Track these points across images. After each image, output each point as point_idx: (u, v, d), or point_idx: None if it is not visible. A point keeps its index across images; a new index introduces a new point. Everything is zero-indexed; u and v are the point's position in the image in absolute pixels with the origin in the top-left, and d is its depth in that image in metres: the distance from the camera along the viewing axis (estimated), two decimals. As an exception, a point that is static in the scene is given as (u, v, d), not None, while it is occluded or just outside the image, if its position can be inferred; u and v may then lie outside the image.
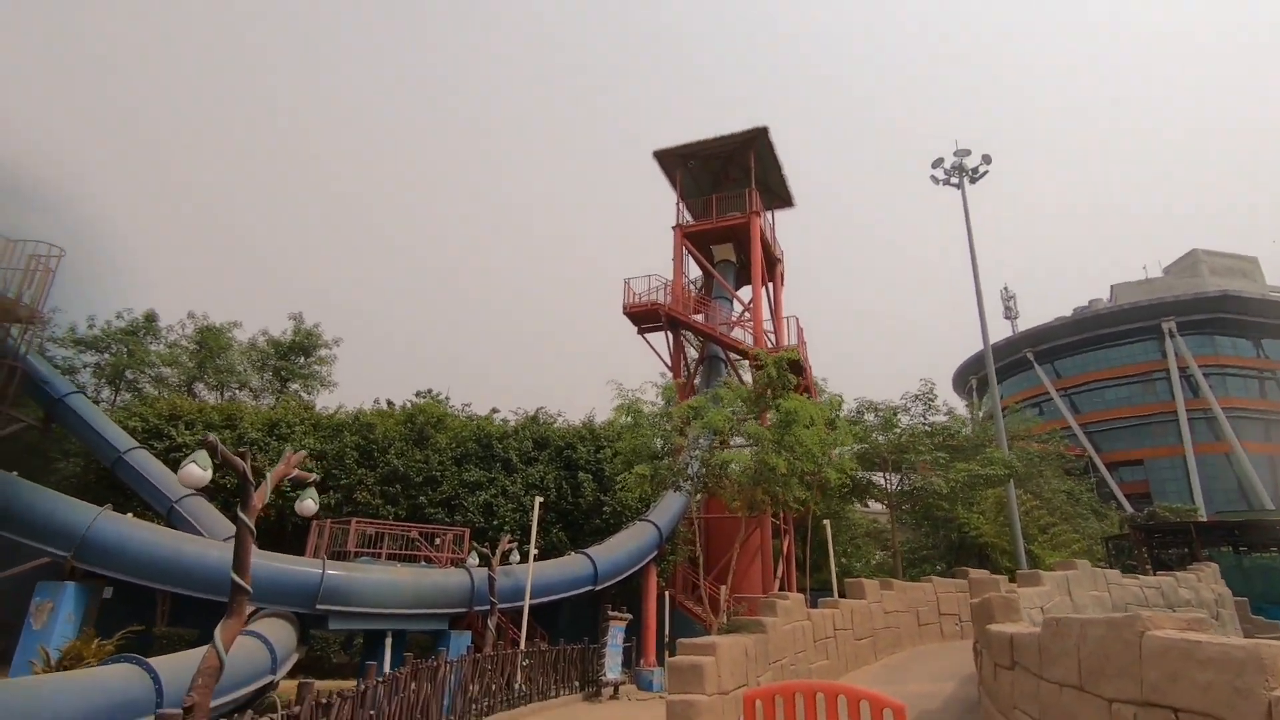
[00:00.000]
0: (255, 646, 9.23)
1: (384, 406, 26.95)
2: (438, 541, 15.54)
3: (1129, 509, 46.43)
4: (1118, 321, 62.31)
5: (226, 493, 19.62)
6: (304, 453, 6.58)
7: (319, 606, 11.30)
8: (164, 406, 20.98)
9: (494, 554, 13.63)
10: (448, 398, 31.47)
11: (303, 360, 35.13)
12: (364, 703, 7.28)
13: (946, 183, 30.58)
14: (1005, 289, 74.44)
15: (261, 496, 5.68)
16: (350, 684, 8.23)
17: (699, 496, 18.93)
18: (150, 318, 33.14)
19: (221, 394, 33.38)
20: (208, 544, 10.70)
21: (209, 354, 32.95)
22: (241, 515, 5.44)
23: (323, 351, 35.41)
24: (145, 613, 19.21)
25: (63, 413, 17.82)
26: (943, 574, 25.01)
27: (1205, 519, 35.79)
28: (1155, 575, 19.92)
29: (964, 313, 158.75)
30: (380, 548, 14.41)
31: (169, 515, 16.85)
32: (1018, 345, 67.02)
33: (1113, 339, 62.63)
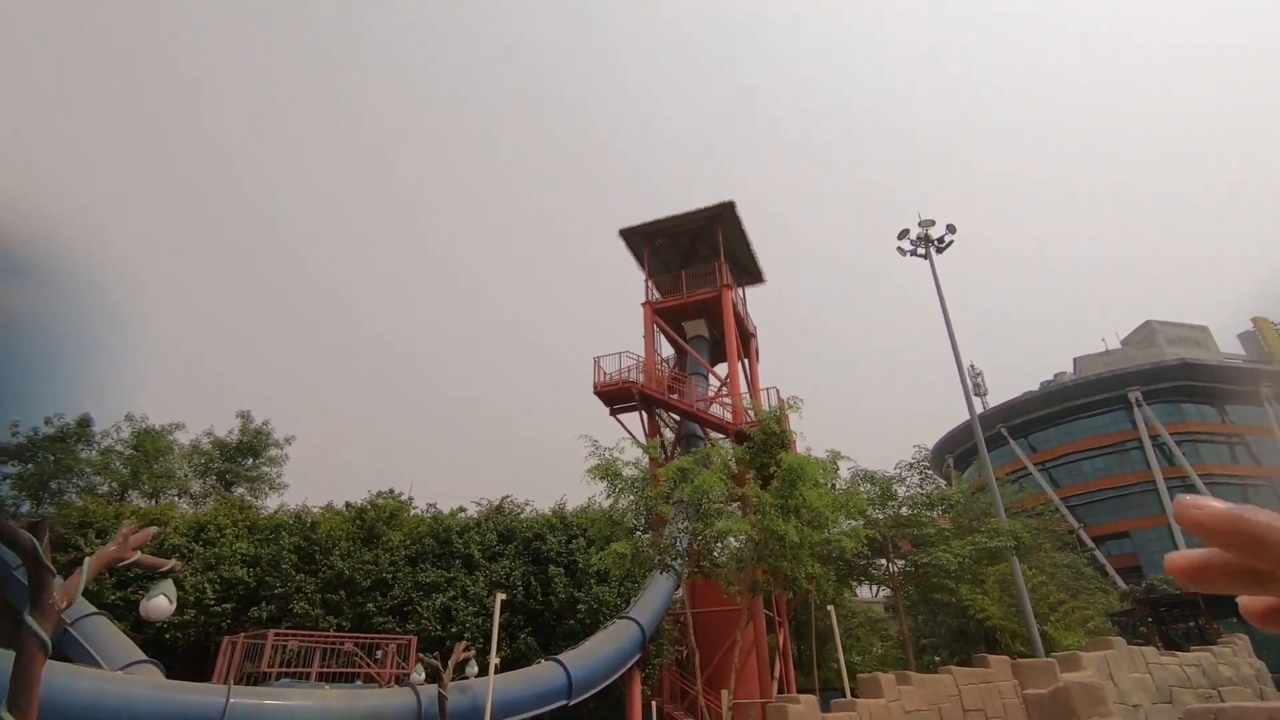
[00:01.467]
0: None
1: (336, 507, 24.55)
2: (379, 654, 13.16)
3: (1122, 583, 44.70)
4: (1085, 393, 62.81)
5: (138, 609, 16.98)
6: (151, 529, 4.83)
7: (221, 746, 8.99)
8: (73, 514, 18.50)
9: (446, 667, 11.40)
10: (410, 498, 29.02)
11: (250, 461, 32.64)
12: None
13: (913, 254, 30.54)
14: (972, 365, 75.21)
15: (71, 593, 3.93)
16: None
17: (684, 584, 16.90)
18: (84, 422, 30.59)
19: (157, 501, 30.52)
20: (76, 672, 8.50)
21: (145, 459, 30.35)
22: (30, 620, 3.68)
23: (273, 451, 32.93)
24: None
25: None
26: (945, 665, 22.79)
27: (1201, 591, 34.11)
28: (1180, 652, 18.20)
29: (935, 391, 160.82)
30: (311, 666, 12.03)
31: (60, 639, 14.22)
32: (990, 421, 66.81)
33: (1083, 410, 62.94)
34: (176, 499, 30.54)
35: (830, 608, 14.13)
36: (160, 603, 4.65)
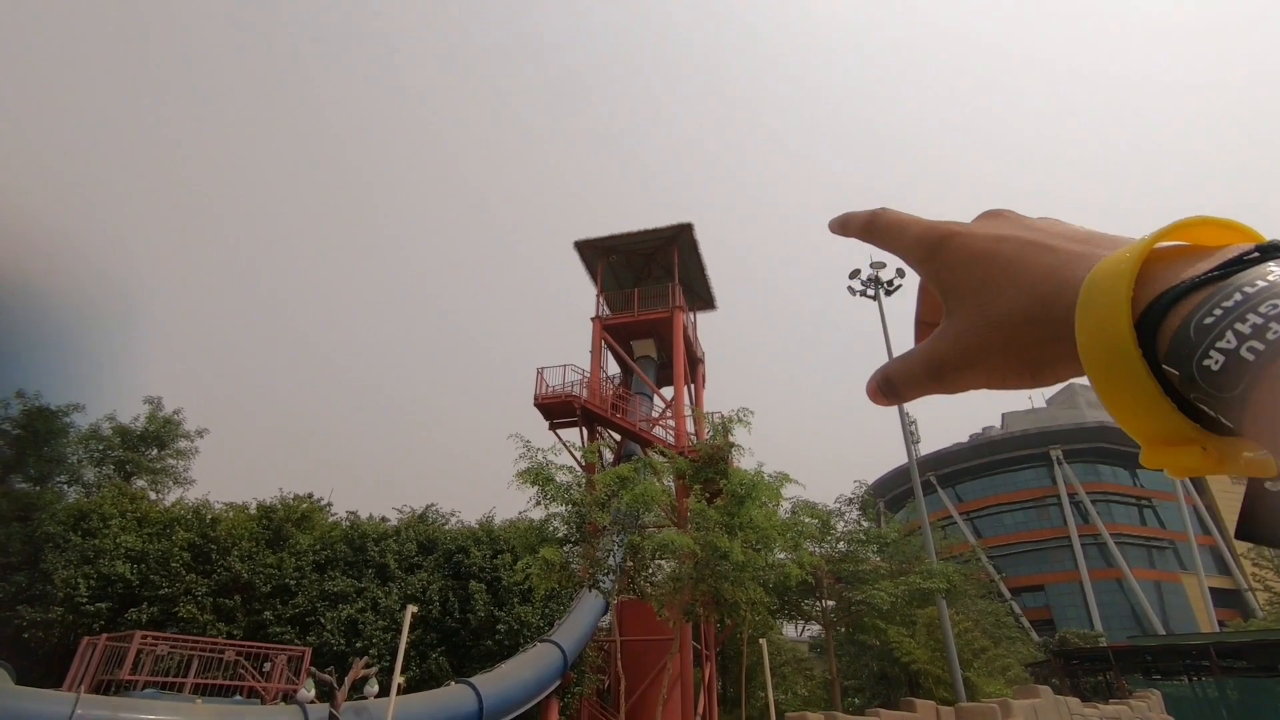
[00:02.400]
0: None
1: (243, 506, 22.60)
2: (268, 666, 11.81)
3: (1035, 635, 45.76)
4: (1011, 448, 65.05)
5: (-3, 604, 15.03)
6: None
7: (60, 766, 7.64)
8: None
9: (342, 684, 10.23)
10: (330, 504, 26.92)
11: (155, 452, 30.11)
12: None
13: (863, 294, 30.96)
14: (906, 414, 77.15)
15: None
16: None
17: (612, 609, 16.02)
18: (-37, 397, 27.74)
19: (42, 487, 27.73)
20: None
21: (33, 439, 27.62)
22: None
23: (181, 444, 30.48)
24: None
25: None
26: (864, 709, 22.46)
27: (1109, 645, 35.27)
28: (1101, 704, 18.38)
29: (870, 436, 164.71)
30: (187, 676, 10.63)
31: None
32: (921, 468, 67.09)
33: (1008, 464, 65.12)
34: (65, 486, 27.86)
35: (762, 641, 13.51)
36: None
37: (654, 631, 19.51)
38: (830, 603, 19.85)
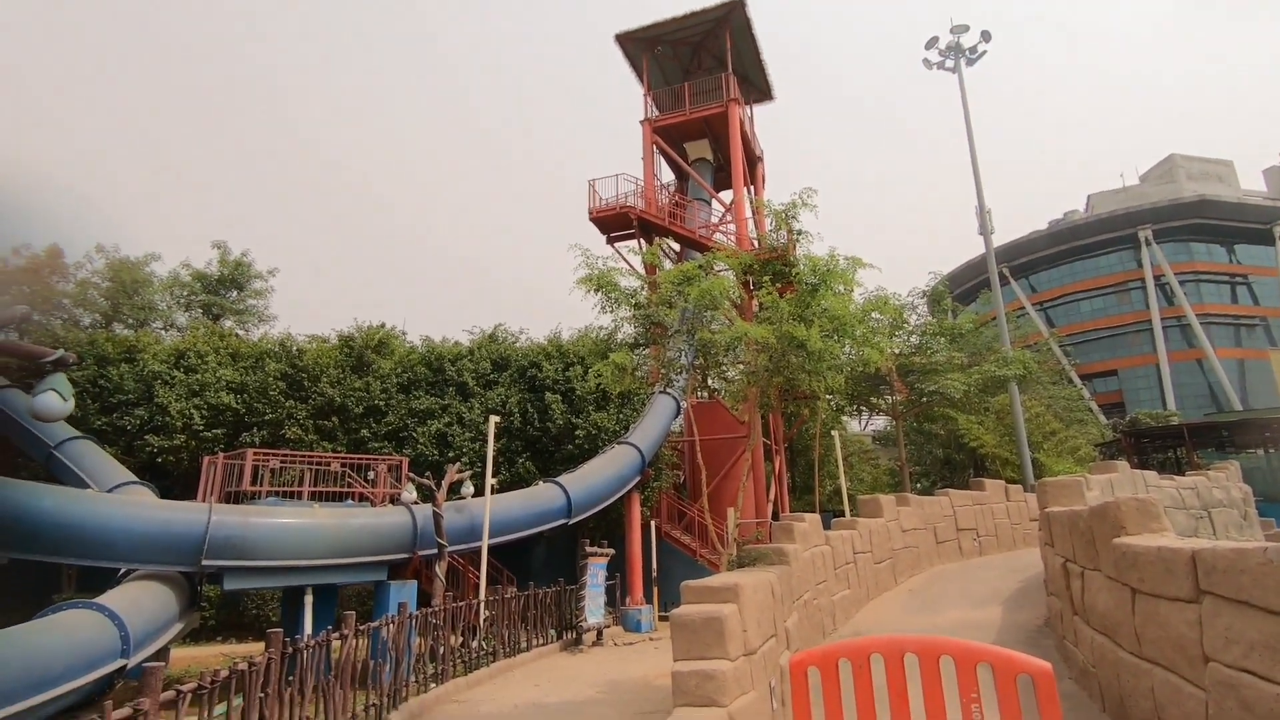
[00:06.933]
0: (93, 625, 6.60)
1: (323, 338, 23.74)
2: (371, 475, 12.88)
3: (1104, 418, 45.85)
4: (1094, 232, 61.03)
5: (128, 435, 16.66)
6: (21, 309, 3.81)
7: (206, 562, 8.68)
8: (45, 339, 17.64)
9: (439, 486, 11.06)
10: (404, 331, 28.13)
11: (235, 294, 31.48)
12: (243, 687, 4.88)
13: (940, 66, 27.58)
14: (980, 205, 72.48)
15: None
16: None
17: (683, 411, 16.54)
18: (54, 254, 29.01)
19: (138, 333, 29.81)
20: (38, 490, 7.96)
21: (123, 290, 29.13)
22: None
23: (256, 284, 31.74)
24: (52, 580, 16.52)
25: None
26: (929, 490, 23.54)
27: (1183, 422, 35.03)
28: (1178, 476, 18.44)
29: (936, 231, 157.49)
30: (301, 486, 11.73)
31: (48, 463, 13.91)
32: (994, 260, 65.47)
33: (1089, 250, 61.52)
34: (162, 331, 29.80)
35: (835, 432, 13.77)
36: (49, 400, 3.70)
37: (723, 431, 20.32)
38: (899, 396, 19.95)
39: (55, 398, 3.69)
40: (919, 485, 28.70)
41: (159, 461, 16.30)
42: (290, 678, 5.59)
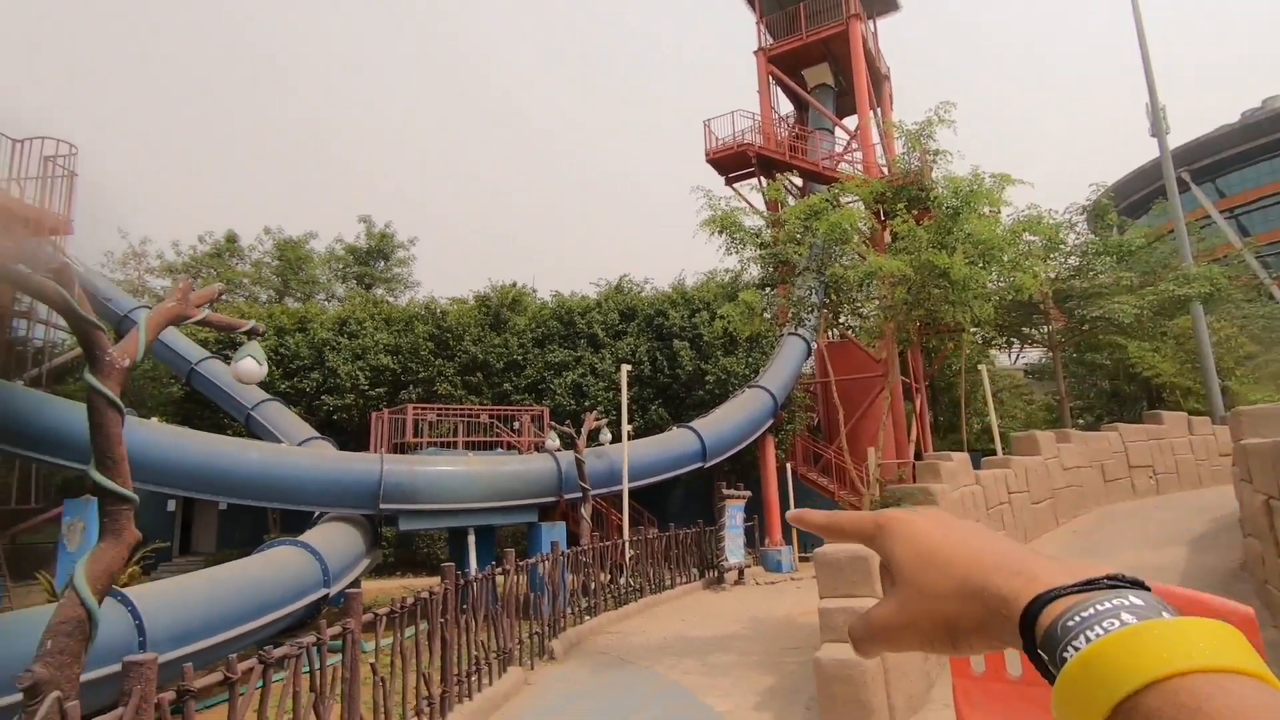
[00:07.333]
0: (299, 560, 7.64)
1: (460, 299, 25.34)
2: (516, 425, 13.71)
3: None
4: (1303, 119, 51.64)
5: (307, 396, 18.74)
6: (216, 286, 4.34)
7: (383, 506, 9.74)
8: (231, 313, 20.04)
9: (578, 434, 11.60)
10: (534, 289, 29.40)
11: (383, 264, 34.12)
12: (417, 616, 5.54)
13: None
14: (1149, 103, 63.18)
15: (132, 349, 3.42)
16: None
17: (814, 352, 16.07)
18: (231, 238, 32.72)
19: (305, 304, 33.11)
20: (246, 445, 9.25)
21: (290, 266, 32.40)
22: (91, 379, 3.21)
23: (400, 253, 34.19)
24: (261, 522, 19.19)
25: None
26: (1094, 426, 21.37)
27: None
28: None
29: (1096, 142, 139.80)
30: (455, 436, 12.76)
31: (247, 423, 15.98)
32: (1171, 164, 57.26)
33: (1293, 142, 52.24)
34: (325, 302, 32.97)
35: (982, 367, 12.82)
36: (248, 365, 4.22)
37: (857, 370, 19.58)
38: (1056, 325, 18.19)
39: (252, 363, 4.20)
40: (1080, 421, 26.30)
41: (334, 419, 18.26)
42: (464, 606, 6.20)
